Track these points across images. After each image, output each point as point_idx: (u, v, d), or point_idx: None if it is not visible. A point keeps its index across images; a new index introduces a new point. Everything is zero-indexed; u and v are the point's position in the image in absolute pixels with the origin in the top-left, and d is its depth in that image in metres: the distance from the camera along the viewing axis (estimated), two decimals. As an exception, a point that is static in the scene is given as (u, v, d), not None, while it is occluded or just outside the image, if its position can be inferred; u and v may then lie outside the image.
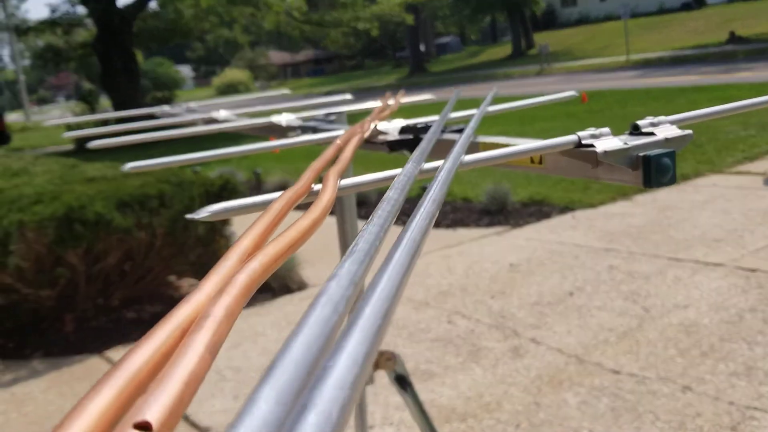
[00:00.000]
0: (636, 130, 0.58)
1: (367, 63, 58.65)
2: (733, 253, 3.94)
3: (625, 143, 0.55)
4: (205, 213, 0.41)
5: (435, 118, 0.81)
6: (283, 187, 7.46)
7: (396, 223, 0.35)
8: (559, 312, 3.42)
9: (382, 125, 0.80)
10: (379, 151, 0.79)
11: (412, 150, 0.77)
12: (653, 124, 0.58)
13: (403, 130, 0.78)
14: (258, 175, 8.22)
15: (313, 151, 9.10)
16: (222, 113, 1.41)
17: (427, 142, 0.56)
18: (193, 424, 2.76)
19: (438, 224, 5.39)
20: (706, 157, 6.63)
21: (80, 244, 3.47)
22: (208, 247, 4.14)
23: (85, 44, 19.48)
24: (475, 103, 1.06)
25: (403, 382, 1.12)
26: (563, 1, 47.01)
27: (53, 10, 19.55)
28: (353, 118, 1.21)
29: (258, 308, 3.99)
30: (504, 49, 40.63)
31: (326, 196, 0.35)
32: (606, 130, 0.56)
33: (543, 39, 34.75)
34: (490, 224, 5.23)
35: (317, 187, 0.40)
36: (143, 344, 0.18)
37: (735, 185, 5.56)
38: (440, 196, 0.33)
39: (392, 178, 0.45)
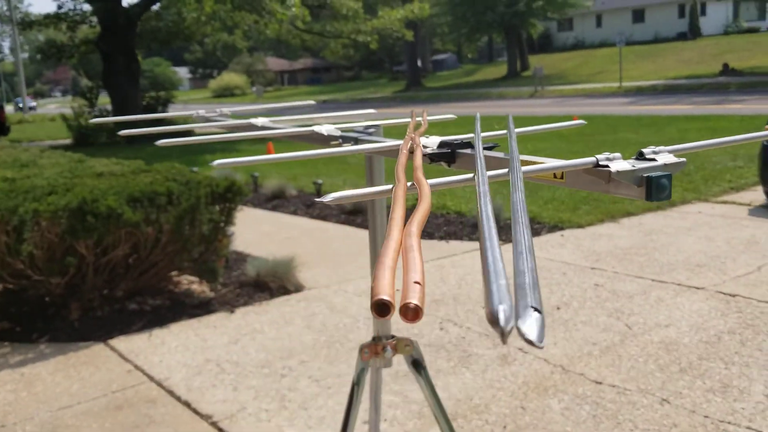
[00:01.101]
0: (641, 156, 0.73)
1: (364, 74, 59.02)
2: (714, 279, 4.12)
3: (633, 166, 0.71)
4: (329, 198, 0.56)
5: (467, 135, 0.97)
6: (282, 190, 7.60)
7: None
8: (547, 324, 3.58)
9: (421, 140, 0.96)
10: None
11: (449, 162, 0.93)
12: (655, 152, 0.73)
13: (442, 144, 0.94)
14: (255, 178, 8.37)
15: (352, 158, 9.17)
16: (260, 120, 1.56)
17: (480, 158, 0.71)
18: (195, 411, 2.89)
19: (432, 236, 5.55)
20: (693, 185, 6.84)
21: (91, 236, 3.60)
22: (210, 245, 4.27)
23: (88, 41, 19.58)
24: (487, 120, 1.22)
25: (418, 365, 1.27)
26: (560, 26, 47.62)
27: (59, 6, 19.63)
28: (388, 131, 1.37)
29: (256, 307, 4.13)
30: (499, 69, 41.09)
31: (426, 189, 0.50)
32: (618, 154, 0.72)
33: (538, 61, 35.20)
34: (482, 239, 5.39)
35: (409, 184, 0.55)
36: (385, 251, 0.33)
37: (720, 214, 5.77)
38: (522, 197, 0.48)
39: (462, 181, 0.60)
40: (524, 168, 0.68)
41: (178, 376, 3.23)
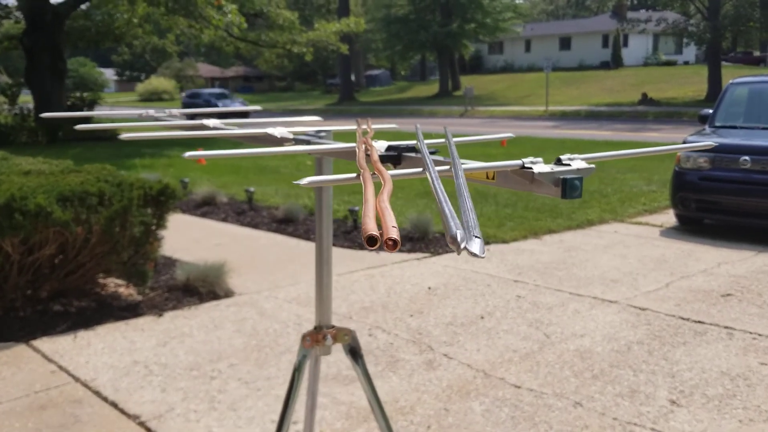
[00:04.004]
0: (559, 162, 0.86)
1: (297, 85, 58.89)
2: (627, 293, 4.38)
3: (552, 169, 0.83)
4: (306, 181, 0.66)
5: (412, 142, 1.08)
6: (212, 197, 7.56)
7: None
8: (471, 332, 3.74)
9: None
10: (367, 162, 1.06)
11: (395, 163, 1.04)
12: (570, 159, 0.86)
13: (389, 148, 1.05)
14: (185, 183, 8.29)
15: (239, 165, 9.15)
16: (212, 121, 1.63)
17: (428, 158, 0.82)
18: (123, 412, 2.89)
19: (362, 246, 5.65)
20: (610, 206, 7.21)
21: (17, 234, 3.54)
22: (140, 248, 4.24)
23: (11, 36, 18.88)
24: (427, 136, 1.34)
25: (355, 353, 1.36)
26: (491, 48, 48.92)
27: (-19, -2, 18.90)
28: (339, 136, 1.47)
29: (185, 311, 4.13)
30: (431, 88, 41.80)
31: (387, 175, 0.61)
32: (540, 159, 0.85)
33: (469, 82, 36.04)
34: (411, 250, 5.54)
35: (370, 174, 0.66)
36: (366, 205, 0.44)
37: (634, 234, 6.10)
38: (464, 181, 0.59)
39: (414, 174, 0.71)
40: (462, 166, 0.79)
41: (105, 377, 3.21)
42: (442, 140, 1.30)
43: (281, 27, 19.30)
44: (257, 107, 25.22)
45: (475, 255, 0.35)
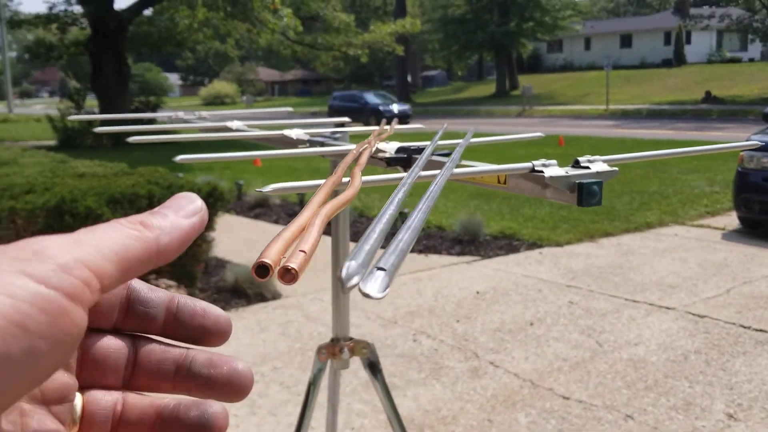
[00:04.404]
0: (577, 164, 0.78)
1: (354, 87, 59.24)
2: (685, 300, 4.18)
3: (567, 172, 0.75)
4: (270, 188, 0.60)
5: (426, 143, 1.01)
6: (265, 199, 7.62)
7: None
8: (519, 339, 3.62)
9: (381, 145, 1.00)
10: (378, 165, 0.98)
11: (405, 167, 0.97)
12: (590, 161, 0.78)
13: (399, 150, 0.98)
14: (240, 185, 8.38)
15: (294, 167, 9.24)
16: (235, 123, 1.60)
17: (423, 159, 0.75)
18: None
19: (411, 249, 5.58)
20: (671, 208, 6.94)
21: (68, 235, 3.60)
22: (189, 250, 4.28)
23: (78, 43, 19.55)
24: (458, 135, 1.26)
25: (374, 368, 1.30)
26: (549, 47, 48.13)
27: (51, 7, 19.61)
28: (356, 137, 1.41)
29: (232, 313, 4.14)
30: (488, 88, 41.40)
31: (356, 182, 0.54)
32: (553, 161, 0.76)
33: (527, 81, 35.52)
34: (461, 253, 5.44)
35: (345, 180, 0.59)
36: (288, 228, 0.37)
37: (695, 237, 5.85)
38: (439, 188, 0.51)
39: (397, 180, 0.64)
40: (459, 170, 0.71)
41: (150, 379, 3.23)
42: (480, 139, 1.22)
43: (337, 29, 19.41)
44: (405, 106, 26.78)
45: (367, 296, 0.28)
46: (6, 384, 0.23)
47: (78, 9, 19.20)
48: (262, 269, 0.30)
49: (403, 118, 22.76)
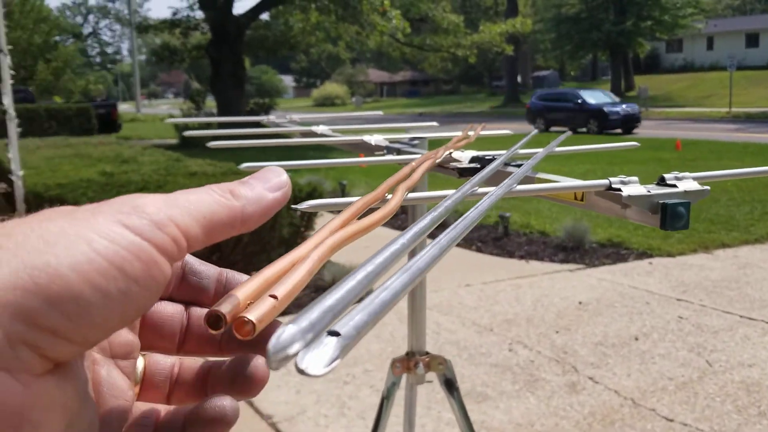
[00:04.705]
0: (662, 182, 0.70)
1: (462, 88, 58.92)
2: (811, 320, 3.85)
3: (648, 191, 0.67)
4: (305, 205, 0.57)
5: (501, 151, 0.95)
6: (366, 201, 7.67)
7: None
8: (622, 354, 3.45)
9: (456, 153, 0.95)
10: (450, 175, 0.93)
11: (479, 178, 0.91)
12: (677, 178, 0.70)
13: (473, 159, 0.92)
14: (343, 186, 8.49)
15: (396, 169, 9.33)
16: (321, 128, 1.59)
17: (487, 171, 0.70)
18: (257, 411, 2.95)
19: (511, 254, 5.45)
20: (799, 219, 6.42)
21: (175, 232, 3.76)
22: (289, 248, 4.36)
23: (199, 47, 20.52)
24: (551, 140, 1.19)
25: (450, 385, 1.25)
26: (668, 46, 45.90)
27: (174, 12, 20.70)
28: (435, 144, 1.36)
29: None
30: (602, 88, 40.00)
31: (393, 203, 0.49)
32: (634, 178, 0.69)
33: (643, 82, 34.06)
34: (564, 260, 5.26)
35: (390, 196, 0.54)
36: (278, 262, 0.33)
37: (826, 252, 5.38)
38: (477, 214, 0.46)
39: (438, 197, 0.59)
40: (521, 186, 0.66)
41: (246, 374, 3.31)
42: (566, 148, 1.15)
43: (446, 30, 19.33)
44: None
45: (302, 372, 0.22)
46: (102, 319, 0.25)
47: (200, 14, 20.14)
48: (214, 320, 0.27)
49: (631, 122, 19.41)
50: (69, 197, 3.80)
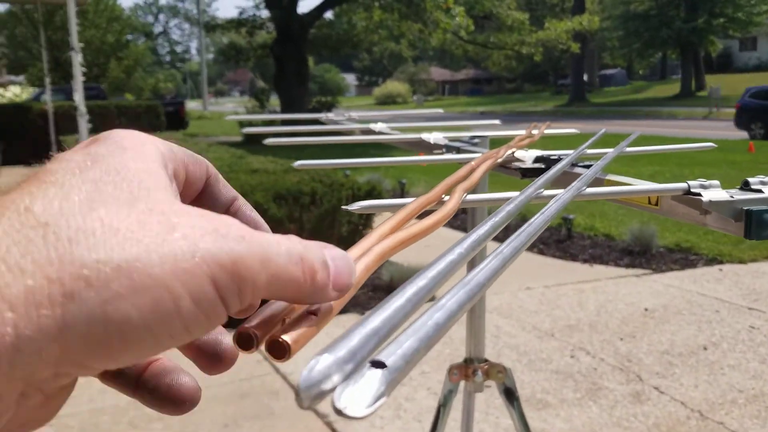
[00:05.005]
0: (746, 186, 0.64)
1: (526, 87, 58.13)
2: None
3: (732, 196, 0.61)
4: (356, 206, 0.53)
5: (568, 151, 0.90)
6: (425, 200, 7.63)
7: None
8: (689, 364, 3.31)
9: (519, 153, 0.90)
10: (512, 176, 0.88)
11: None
12: (763, 183, 0.63)
13: (537, 159, 0.87)
14: (403, 185, 8.46)
15: (456, 168, 9.23)
16: (379, 125, 1.56)
17: (554, 171, 0.65)
18: (314, 410, 2.95)
19: (575, 258, 5.32)
20: None
21: (236, 228, 3.80)
22: (347, 246, 4.36)
23: (264, 46, 20.86)
24: (620, 140, 1.12)
25: (510, 395, 1.20)
26: (742, 45, 44.18)
27: (241, 12, 21.10)
28: (497, 143, 1.31)
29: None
30: (671, 88, 38.83)
31: (450, 205, 0.45)
32: (716, 182, 0.63)
33: (715, 81, 32.86)
34: (630, 265, 5.10)
35: (447, 198, 0.50)
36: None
37: None
38: (543, 220, 0.41)
39: (498, 200, 0.55)
40: (591, 189, 0.60)
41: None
42: (637, 149, 1.09)
43: (510, 28, 19.09)
44: None
45: (340, 413, 0.19)
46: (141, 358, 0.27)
47: (265, 13, 20.45)
48: (245, 339, 0.24)
49: None
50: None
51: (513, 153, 0.89)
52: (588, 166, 0.83)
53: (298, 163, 0.84)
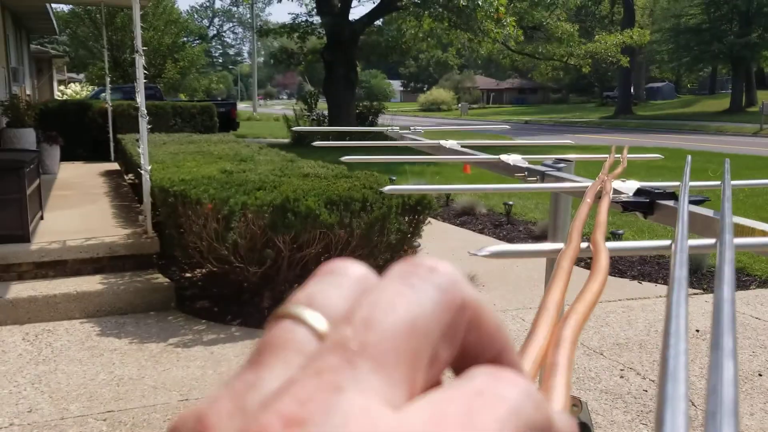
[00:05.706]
0: None
1: (571, 97, 57.54)
2: None
3: None
4: (485, 252, 0.54)
5: (672, 183, 0.90)
6: (471, 207, 7.60)
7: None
8: (744, 391, 3.24)
9: (616, 184, 0.90)
10: (612, 209, 0.89)
11: (645, 213, 0.86)
12: None
13: (639, 191, 0.87)
14: (448, 195, 8.46)
15: (501, 176, 9.17)
16: (450, 143, 1.57)
17: (684, 214, 0.63)
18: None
19: (623, 274, 5.25)
20: None
21: (289, 232, 3.85)
22: (395, 254, 4.38)
23: (314, 51, 21.08)
24: (698, 160, 1.12)
25: (585, 430, 1.19)
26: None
27: (294, 18, 21.38)
28: (578, 166, 1.31)
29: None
30: (720, 103, 37.99)
31: (603, 260, 0.46)
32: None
33: (766, 97, 32.06)
34: (680, 285, 5.01)
35: (584, 245, 0.51)
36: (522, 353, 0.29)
37: None
38: (730, 273, 0.38)
39: (655, 248, 0.55)
40: (737, 240, 0.61)
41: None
42: (744, 182, 1.07)
43: (559, 39, 18.93)
44: None
45: None
46: None
47: (317, 20, 20.67)
48: None
49: None
50: (191, 193, 3.97)
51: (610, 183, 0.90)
52: (699, 202, 0.83)
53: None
